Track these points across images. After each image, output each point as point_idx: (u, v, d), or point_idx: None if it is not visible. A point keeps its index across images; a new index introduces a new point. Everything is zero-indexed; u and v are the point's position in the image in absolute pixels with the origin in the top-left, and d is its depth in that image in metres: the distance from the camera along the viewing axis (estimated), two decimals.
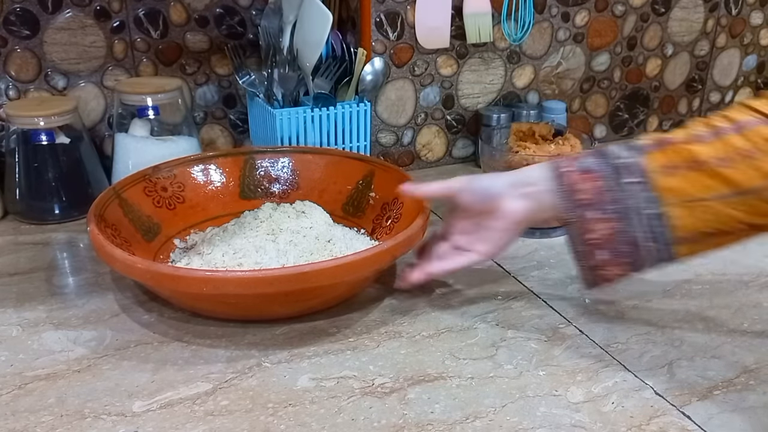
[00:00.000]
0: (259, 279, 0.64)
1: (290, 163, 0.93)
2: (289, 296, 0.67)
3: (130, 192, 0.82)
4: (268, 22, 1.00)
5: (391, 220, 0.84)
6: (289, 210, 0.84)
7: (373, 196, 0.88)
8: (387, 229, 0.84)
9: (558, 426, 0.58)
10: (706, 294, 0.78)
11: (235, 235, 0.80)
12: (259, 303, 0.68)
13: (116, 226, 0.76)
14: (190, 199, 0.87)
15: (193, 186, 0.88)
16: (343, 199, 0.90)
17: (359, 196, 0.89)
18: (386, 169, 0.88)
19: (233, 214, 0.87)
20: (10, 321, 0.71)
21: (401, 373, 0.64)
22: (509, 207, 0.67)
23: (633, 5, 1.21)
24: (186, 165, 0.88)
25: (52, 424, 0.57)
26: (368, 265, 0.69)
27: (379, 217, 0.86)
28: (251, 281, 0.64)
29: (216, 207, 0.88)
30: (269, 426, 0.57)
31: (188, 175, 0.88)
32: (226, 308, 0.70)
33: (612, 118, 1.30)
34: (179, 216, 0.85)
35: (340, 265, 0.66)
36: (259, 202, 0.88)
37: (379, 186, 0.88)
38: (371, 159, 0.93)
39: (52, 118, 0.91)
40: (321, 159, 0.93)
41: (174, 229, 0.84)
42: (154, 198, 0.84)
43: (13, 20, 0.94)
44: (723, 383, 0.64)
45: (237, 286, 0.64)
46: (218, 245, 0.78)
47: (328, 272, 0.65)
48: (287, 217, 0.82)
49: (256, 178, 0.92)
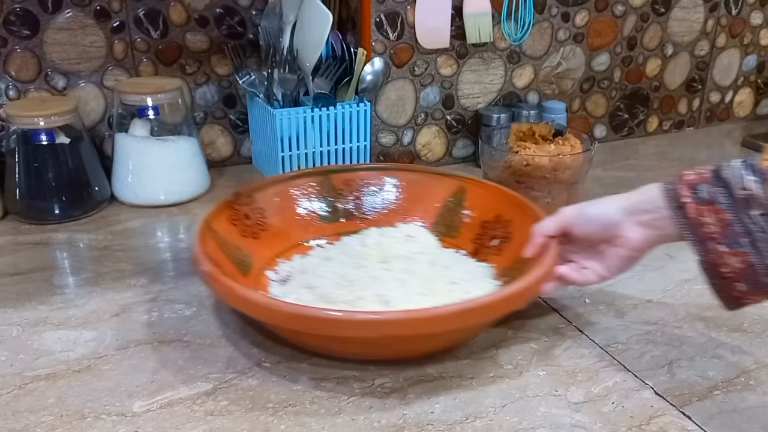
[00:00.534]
0: (436, 317, 0.58)
1: (370, 182, 0.87)
2: (436, 336, 0.63)
3: (218, 223, 0.75)
4: (268, 22, 1.00)
5: (499, 240, 0.79)
6: (395, 234, 0.78)
7: (468, 214, 0.83)
8: (495, 249, 0.79)
9: (558, 426, 0.58)
10: (706, 294, 0.78)
11: (344, 264, 0.73)
12: (397, 343, 0.63)
13: (218, 262, 0.68)
14: (272, 225, 0.81)
15: (273, 212, 0.82)
16: (431, 218, 0.85)
17: (450, 214, 0.84)
18: (480, 185, 0.84)
19: (315, 240, 0.83)
20: (10, 321, 0.71)
21: (401, 373, 0.64)
22: (630, 236, 0.65)
23: (633, 5, 1.21)
24: (263, 188, 0.82)
25: (52, 424, 0.57)
26: (529, 295, 0.65)
27: (481, 236, 0.81)
28: (425, 321, 0.58)
29: (298, 232, 0.83)
30: (269, 426, 0.57)
31: (268, 199, 0.82)
32: (358, 348, 0.64)
33: (612, 118, 1.30)
34: (265, 245, 0.79)
35: (505, 298, 0.62)
36: (339, 226, 0.84)
37: (474, 203, 0.83)
38: (460, 175, 0.87)
39: (52, 118, 0.91)
40: (403, 176, 0.88)
41: (262, 260, 0.78)
42: (239, 227, 0.77)
43: (13, 20, 0.94)
44: (723, 383, 0.64)
45: (407, 327, 0.58)
46: (327, 276, 0.71)
47: (498, 305, 0.62)
48: (396, 243, 0.76)
49: (335, 198, 0.86)
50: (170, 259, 0.85)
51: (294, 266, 0.78)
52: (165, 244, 0.89)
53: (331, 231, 0.84)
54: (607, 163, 1.19)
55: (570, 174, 0.94)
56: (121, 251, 0.86)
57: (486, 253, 0.80)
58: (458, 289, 0.70)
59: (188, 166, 1.00)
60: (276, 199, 0.82)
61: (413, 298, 0.67)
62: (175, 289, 0.78)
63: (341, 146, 1.03)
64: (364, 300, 0.67)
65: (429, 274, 0.71)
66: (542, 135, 1.00)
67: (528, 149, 0.95)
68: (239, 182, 1.07)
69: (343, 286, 0.69)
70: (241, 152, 1.14)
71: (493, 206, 0.81)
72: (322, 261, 0.76)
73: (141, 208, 0.98)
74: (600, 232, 0.67)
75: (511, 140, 1.00)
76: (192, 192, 1.01)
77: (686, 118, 1.37)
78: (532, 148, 0.95)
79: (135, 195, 0.98)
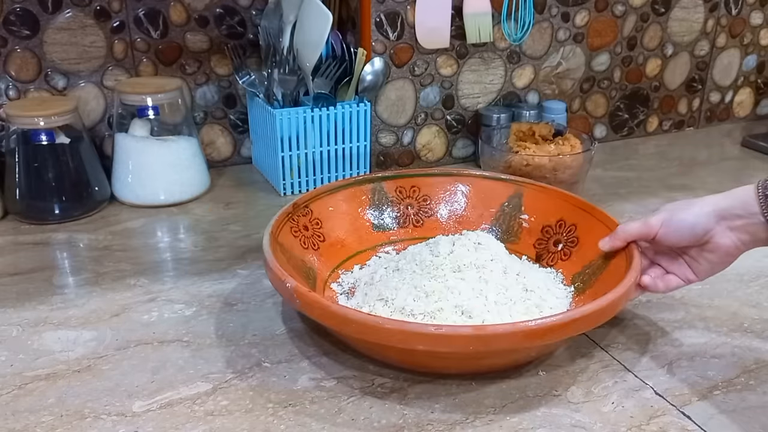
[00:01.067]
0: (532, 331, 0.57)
1: (420, 188, 0.86)
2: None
3: (283, 235, 0.73)
4: (268, 22, 1.00)
5: (563, 245, 0.78)
6: (465, 242, 0.75)
7: (527, 218, 0.82)
8: (561, 254, 0.78)
9: (558, 426, 0.58)
10: (706, 294, 0.78)
11: (415, 274, 0.71)
12: (501, 355, 0.62)
13: (293, 277, 0.65)
14: (329, 236, 0.79)
15: (329, 222, 0.80)
16: (487, 223, 0.84)
17: (507, 219, 0.83)
18: (538, 189, 0.82)
19: (371, 249, 0.82)
20: (10, 321, 0.71)
21: (401, 373, 0.64)
22: (722, 242, 0.64)
23: (633, 5, 1.21)
24: (318, 198, 0.80)
25: (52, 424, 0.57)
26: (622, 305, 0.64)
27: (543, 241, 0.80)
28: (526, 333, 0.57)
29: (354, 242, 0.81)
30: (269, 426, 0.57)
31: (323, 210, 0.80)
32: (438, 363, 0.63)
33: (612, 118, 1.30)
34: (324, 256, 0.77)
35: (603, 308, 0.60)
36: (394, 234, 0.84)
37: (531, 207, 0.82)
38: (516, 179, 0.85)
39: (52, 118, 0.91)
40: (455, 181, 0.86)
41: (325, 272, 0.76)
42: (300, 239, 0.76)
43: (13, 20, 0.94)
44: (723, 383, 0.64)
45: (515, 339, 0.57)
46: (401, 288, 0.69)
47: (598, 315, 0.60)
48: (467, 251, 0.73)
49: (387, 206, 0.85)
50: (170, 259, 0.85)
51: (357, 277, 0.77)
52: (165, 244, 0.89)
53: (385, 239, 0.84)
54: (607, 163, 1.19)
55: (570, 174, 0.94)
56: (121, 251, 0.86)
57: (552, 258, 0.79)
58: (534, 297, 0.69)
59: (188, 166, 1.00)
60: (330, 208, 0.81)
61: (492, 307, 0.66)
62: (175, 289, 0.78)
63: (341, 146, 1.03)
64: (444, 311, 0.65)
65: (503, 282, 0.70)
66: (542, 135, 1.01)
67: (528, 149, 0.95)
68: (239, 182, 1.08)
69: (420, 297, 0.68)
70: (241, 152, 1.14)
71: (555, 210, 0.80)
72: (391, 272, 0.74)
73: (141, 208, 0.98)
74: (690, 239, 0.65)
75: (511, 140, 1.00)
76: (192, 192, 1.01)
77: (686, 118, 1.37)
78: (532, 148, 0.96)
79: (135, 195, 0.98)
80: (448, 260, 0.72)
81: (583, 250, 0.75)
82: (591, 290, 0.71)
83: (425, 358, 0.61)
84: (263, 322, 0.72)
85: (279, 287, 0.63)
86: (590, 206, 0.78)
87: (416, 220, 0.86)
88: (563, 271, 0.77)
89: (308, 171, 1.03)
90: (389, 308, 0.68)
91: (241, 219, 0.95)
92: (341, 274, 0.78)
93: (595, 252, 0.73)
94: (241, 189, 1.06)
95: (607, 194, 1.05)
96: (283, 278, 0.62)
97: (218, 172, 1.10)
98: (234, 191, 1.05)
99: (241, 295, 0.76)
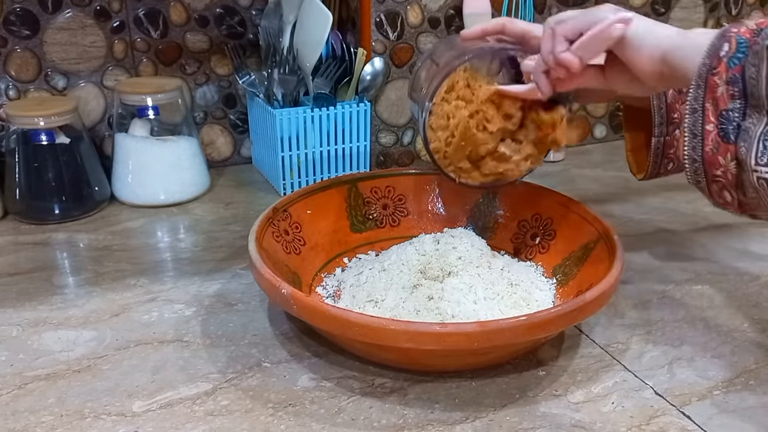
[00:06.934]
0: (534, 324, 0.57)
1: (395, 188, 0.86)
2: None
3: (266, 241, 0.72)
4: (268, 22, 1.00)
5: (540, 238, 0.79)
6: (449, 239, 0.75)
7: (502, 214, 0.83)
8: (539, 247, 0.79)
9: (558, 426, 0.58)
10: (706, 294, 0.78)
11: (402, 273, 0.71)
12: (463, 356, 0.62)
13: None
14: (308, 239, 0.79)
15: (308, 225, 0.80)
16: (463, 221, 0.85)
17: (483, 215, 0.84)
18: (510, 184, 0.80)
19: (351, 251, 0.82)
20: (10, 321, 0.71)
21: (401, 373, 0.64)
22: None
23: (633, 5, 1.21)
24: (296, 201, 0.80)
25: (52, 424, 0.57)
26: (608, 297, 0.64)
27: (520, 235, 0.81)
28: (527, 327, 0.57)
29: (333, 245, 0.81)
30: (269, 426, 0.57)
31: (302, 213, 0.80)
32: (438, 361, 0.63)
33: (612, 118, 1.30)
34: (306, 260, 0.77)
35: (592, 301, 0.60)
36: (371, 235, 0.84)
37: (506, 203, 0.83)
38: None
39: (52, 118, 0.91)
40: (426, 180, 0.86)
41: (308, 277, 0.76)
42: (282, 244, 0.76)
43: (13, 20, 0.94)
44: (723, 383, 0.64)
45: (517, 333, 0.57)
46: (390, 288, 0.69)
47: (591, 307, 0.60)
48: (452, 248, 0.74)
49: (363, 207, 0.85)
50: (170, 259, 0.85)
51: (341, 280, 0.77)
52: (165, 244, 0.89)
53: (364, 240, 0.84)
54: (607, 163, 1.18)
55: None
56: (121, 251, 0.86)
57: (531, 251, 0.80)
58: (519, 290, 0.70)
59: (188, 166, 1.00)
60: (308, 211, 0.81)
61: (483, 303, 0.67)
62: (175, 289, 0.78)
63: (341, 146, 1.03)
64: (436, 309, 0.66)
65: (489, 277, 0.71)
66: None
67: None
68: (239, 182, 1.08)
69: (410, 297, 0.67)
70: (241, 152, 1.14)
71: (529, 204, 0.80)
72: (377, 272, 0.73)
73: (141, 208, 0.98)
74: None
75: None
76: (192, 192, 1.01)
77: None
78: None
79: (135, 195, 0.98)
80: (435, 258, 0.72)
81: (561, 242, 0.76)
82: (574, 281, 0.72)
83: (425, 357, 0.61)
84: (263, 322, 0.72)
85: (273, 294, 0.63)
86: (565, 198, 0.79)
87: (393, 219, 0.86)
88: (543, 263, 0.78)
89: (308, 171, 1.03)
90: (380, 309, 0.68)
91: (241, 219, 0.95)
92: (324, 277, 0.78)
93: (574, 244, 0.74)
94: (241, 189, 1.06)
95: (607, 194, 1.05)
96: (278, 285, 0.61)
97: (218, 172, 1.10)
98: (234, 191, 1.05)
99: (241, 295, 0.76)
